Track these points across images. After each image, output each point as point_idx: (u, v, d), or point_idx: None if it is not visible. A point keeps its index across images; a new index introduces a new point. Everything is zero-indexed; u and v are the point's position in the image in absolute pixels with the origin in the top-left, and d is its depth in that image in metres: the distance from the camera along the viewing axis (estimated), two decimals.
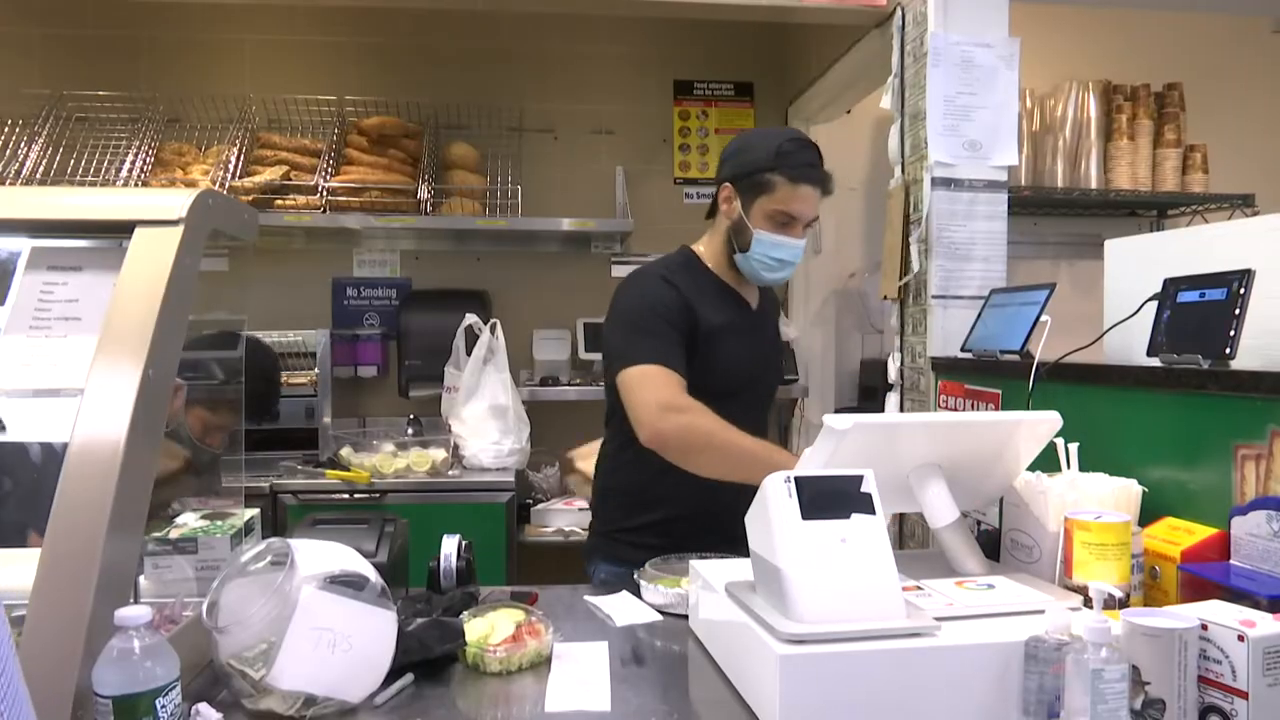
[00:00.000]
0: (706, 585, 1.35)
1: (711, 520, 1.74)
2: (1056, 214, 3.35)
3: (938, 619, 1.11)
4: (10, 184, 3.03)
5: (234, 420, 1.85)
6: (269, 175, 3.14)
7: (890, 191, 2.48)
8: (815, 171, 1.83)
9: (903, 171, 2.44)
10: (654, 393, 1.72)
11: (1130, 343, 1.57)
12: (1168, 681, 0.98)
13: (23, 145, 3.16)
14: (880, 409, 2.55)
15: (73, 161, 3.15)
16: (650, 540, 1.78)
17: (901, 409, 2.44)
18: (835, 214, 3.69)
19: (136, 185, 3.10)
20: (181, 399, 1.47)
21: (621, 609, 1.55)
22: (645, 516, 1.88)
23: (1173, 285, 1.47)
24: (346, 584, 1.14)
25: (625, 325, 1.83)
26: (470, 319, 3.14)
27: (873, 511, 1.14)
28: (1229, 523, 1.22)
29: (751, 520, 1.20)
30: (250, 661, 1.10)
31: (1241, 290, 1.33)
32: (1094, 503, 1.34)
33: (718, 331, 1.84)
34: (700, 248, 1.98)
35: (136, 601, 1.08)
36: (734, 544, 1.54)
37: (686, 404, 1.72)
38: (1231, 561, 1.21)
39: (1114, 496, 1.36)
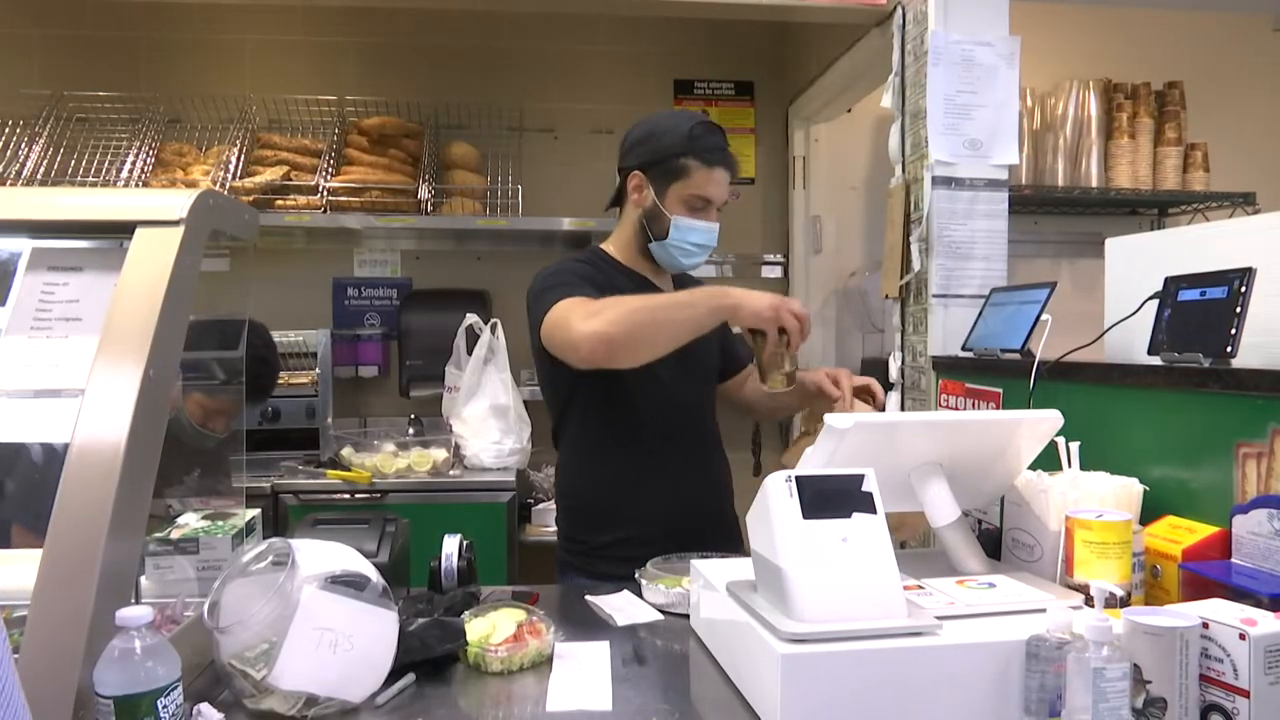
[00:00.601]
0: (708, 584, 1.35)
1: (687, 537, 1.74)
2: (1057, 213, 3.35)
3: (939, 618, 1.11)
4: (11, 184, 3.03)
5: (236, 404, 1.83)
6: (269, 175, 3.14)
7: (890, 190, 2.48)
8: (726, 154, 1.83)
9: (903, 170, 2.44)
10: (573, 311, 1.64)
11: (1131, 341, 1.57)
12: (1169, 680, 0.98)
13: (23, 146, 3.16)
14: (881, 408, 2.55)
15: (73, 162, 3.15)
16: (624, 553, 1.74)
17: (902, 408, 2.44)
18: (836, 213, 3.69)
19: (137, 186, 3.10)
20: (177, 385, 1.46)
21: (622, 608, 1.55)
22: (615, 533, 1.84)
23: (1173, 284, 1.47)
24: (348, 584, 1.14)
25: (536, 296, 1.77)
26: (471, 319, 3.14)
27: (874, 510, 1.14)
28: (1230, 521, 1.22)
29: (752, 519, 1.20)
30: (251, 661, 1.10)
31: (1242, 288, 1.32)
32: (1095, 501, 1.34)
33: None
34: (609, 246, 1.97)
35: (138, 602, 1.08)
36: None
37: (601, 304, 1.63)
38: (1233, 560, 1.21)
39: (1115, 495, 1.36)
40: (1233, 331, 1.31)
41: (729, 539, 1.91)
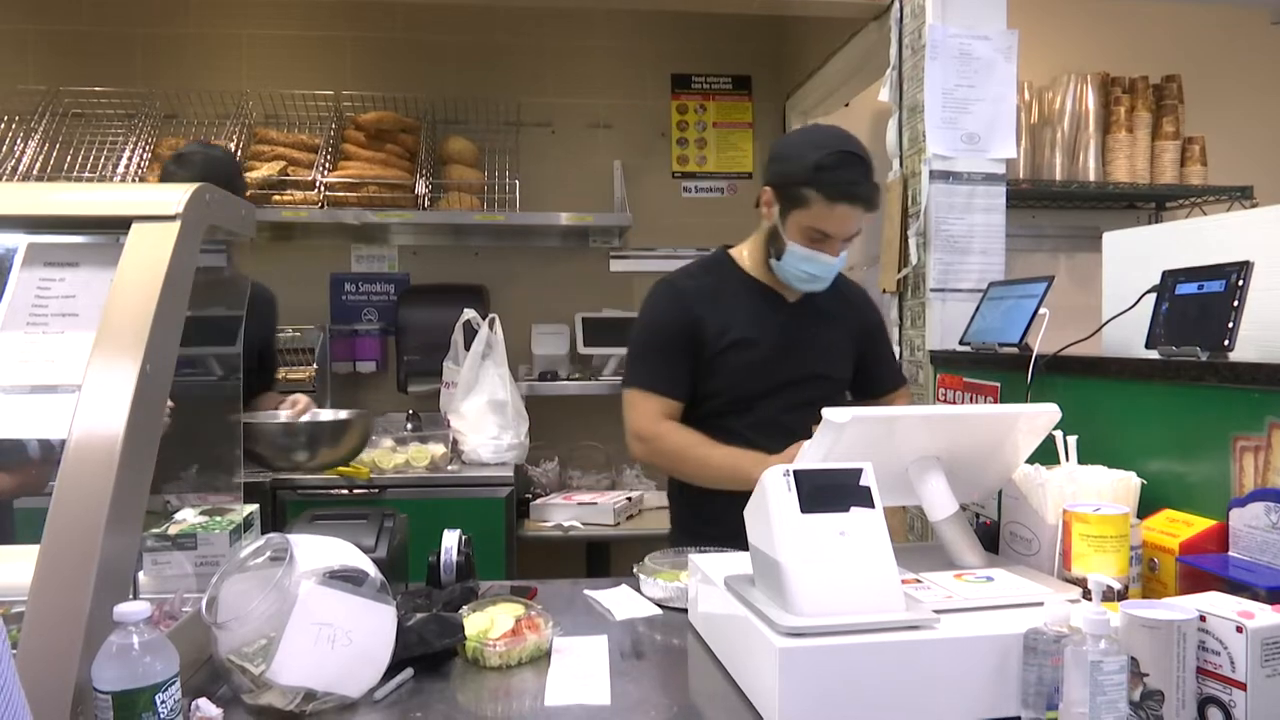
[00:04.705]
0: (706, 579, 1.35)
1: None
2: (1055, 206, 3.35)
3: (937, 611, 1.11)
4: (7, 180, 3.02)
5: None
6: (266, 171, 3.13)
7: (888, 184, 2.48)
8: (856, 189, 1.73)
9: (901, 164, 2.44)
10: (632, 421, 1.86)
11: (1129, 335, 1.57)
12: (1166, 673, 0.98)
13: (19, 141, 3.16)
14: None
15: (69, 157, 3.15)
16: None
17: None
18: None
19: (133, 181, 3.09)
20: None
21: (620, 603, 1.55)
22: (707, 529, 1.84)
23: (1171, 277, 1.47)
24: (346, 579, 1.14)
25: (630, 344, 1.94)
26: (469, 314, 3.13)
27: (872, 505, 1.14)
28: (1227, 514, 1.22)
29: (750, 514, 1.21)
30: (250, 657, 1.10)
31: (1240, 282, 1.33)
32: (1093, 495, 1.34)
33: (737, 338, 1.83)
34: (742, 248, 1.96)
35: (136, 597, 1.08)
36: None
37: (653, 432, 1.83)
38: (1230, 553, 1.21)
39: (1112, 489, 1.36)
40: (1230, 325, 1.31)
41: None
